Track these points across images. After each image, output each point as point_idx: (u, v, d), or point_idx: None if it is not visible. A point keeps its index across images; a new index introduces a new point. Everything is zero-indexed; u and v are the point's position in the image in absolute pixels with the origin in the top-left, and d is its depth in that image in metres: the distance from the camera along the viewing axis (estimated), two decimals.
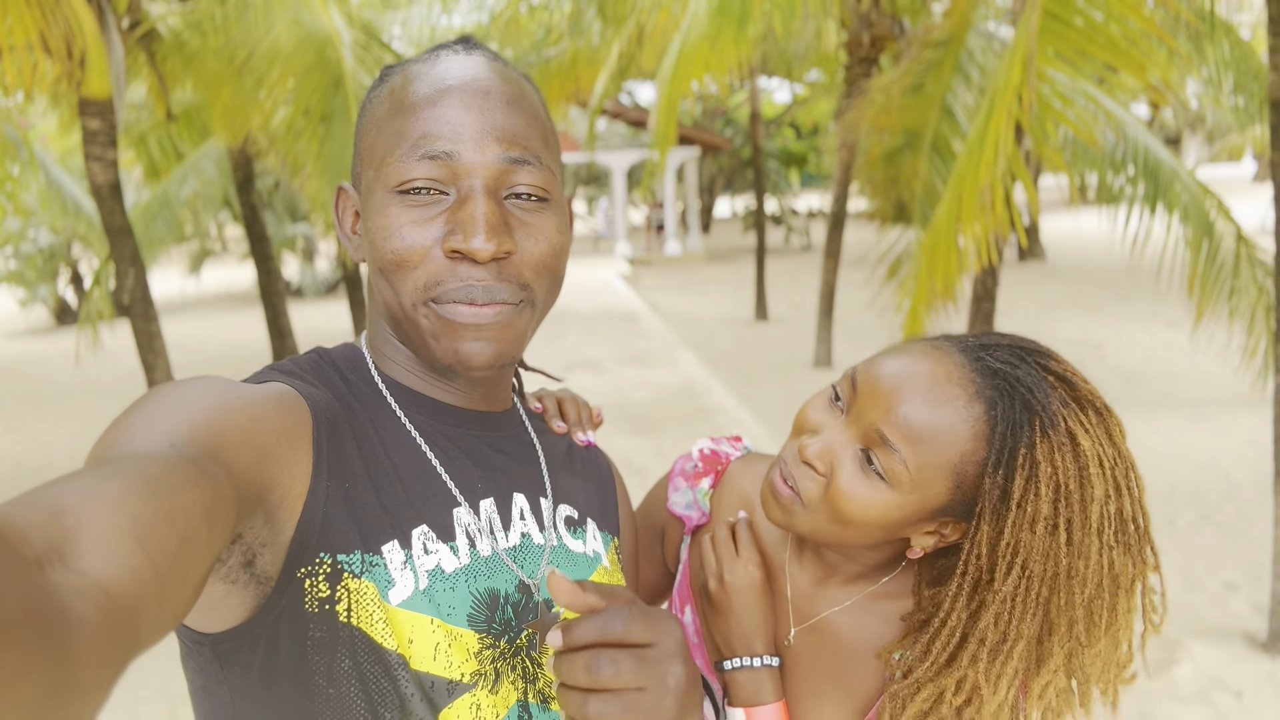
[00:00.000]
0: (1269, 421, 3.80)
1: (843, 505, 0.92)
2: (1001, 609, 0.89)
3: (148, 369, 5.19)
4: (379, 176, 0.82)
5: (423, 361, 0.89)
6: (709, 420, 7.24)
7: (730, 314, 13.29)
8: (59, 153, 11.94)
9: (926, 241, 3.89)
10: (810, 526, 0.97)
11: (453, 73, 0.83)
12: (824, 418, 0.97)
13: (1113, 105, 4.99)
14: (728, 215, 33.37)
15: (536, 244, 0.83)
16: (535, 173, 0.82)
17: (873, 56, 7.89)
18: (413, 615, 0.77)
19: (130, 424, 0.64)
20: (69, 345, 12.53)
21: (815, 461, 0.94)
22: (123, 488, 0.52)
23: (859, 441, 0.93)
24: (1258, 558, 4.56)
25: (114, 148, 4.98)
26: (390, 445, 0.84)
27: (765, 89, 23.61)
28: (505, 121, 0.81)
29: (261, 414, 0.72)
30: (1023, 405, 0.89)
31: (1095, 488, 0.88)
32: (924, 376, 0.91)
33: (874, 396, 0.92)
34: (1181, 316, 10.65)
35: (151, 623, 0.49)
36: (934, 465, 0.89)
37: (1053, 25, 3.59)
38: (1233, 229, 5.13)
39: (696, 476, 1.20)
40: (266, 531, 0.71)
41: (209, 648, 0.76)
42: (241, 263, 18.13)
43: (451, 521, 0.83)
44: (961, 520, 0.94)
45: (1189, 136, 27.66)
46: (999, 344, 0.94)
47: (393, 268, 0.81)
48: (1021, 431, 0.88)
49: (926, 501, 0.92)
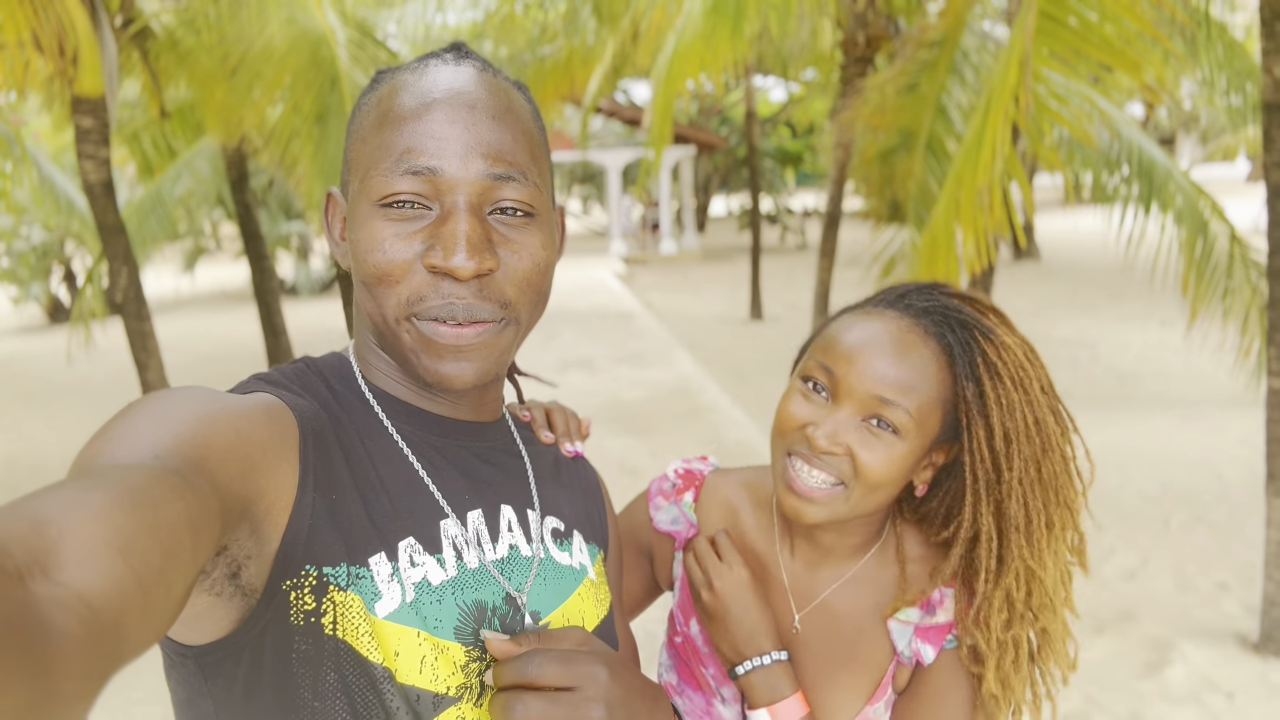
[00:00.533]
0: (1262, 422, 3.80)
1: (875, 472, 1.01)
2: (1019, 491, 1.02)
3: (140, 368, 5.17)
4: (363, 189, 0.82)
5: (407, 373, 0.89)
6: (703, 420, 7.24)
7: (725, 313, 13.29)
8: (52, 150, 11.89)
9: (924, 242, 3.89)
10: (850, 507, 1.04)
11: (440, 85, 0.82)
12: (810, 409, 1.05)
13: (1108, 105, 5.00)
14: (723, 214, 33.39)
15: (520, 260, 0.82)
16: (521, 188, 0.82)
17: (868, 56, 7.88)
18: (399, 628, 0.76)
19: (113, 435, 0.63)
20: (62, 343, 12.49)
21: (833, 448, 1.01)
22: (106, 499, 0.51)
23: (861, 413, 1.02)
24: (1250, 558, 4.57)
25: (107, 146, 4.95)
26: (377, 456, 0.84)
27: (761, 88, 23.64)
28: (491, 136, 0.80)
29: (247, 425, 0.71)
30: (959, 325, 1.05)
31: (1031, 366, 1.05)
32: (885, 337, 1.03)
33: (858, 372, 1.02)
34: (1175, 316, 10.68)
35: (134, 635, 0.48)
36: (928, 402, 1.02)
37: (1048, 26, 3.59)
38: (1226, 229, 5.14)
39: (678, 493, 1.26)
40: (252, 543, 0.71)
41: (193, 660, 0.75)
42: (235, 261, 18.09)
43: (438, 533, 0.83)
44: (945, 443, 1.07)
45: (1183, 137, 27.75)
46: (908, 291, 1.10)
47: (375, 281, 0.81)
48: (971, 346, 1.04)
49: (927, 436, 1.04)
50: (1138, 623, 4.03)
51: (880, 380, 1.01)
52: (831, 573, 1.11)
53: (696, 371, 9.02)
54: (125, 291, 5.06)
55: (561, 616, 0.90)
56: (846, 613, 1.09)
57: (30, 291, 15.81)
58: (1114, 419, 7.14)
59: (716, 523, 1.21)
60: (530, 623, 0.86)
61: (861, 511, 1.05)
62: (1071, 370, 8.85)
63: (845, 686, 1.06)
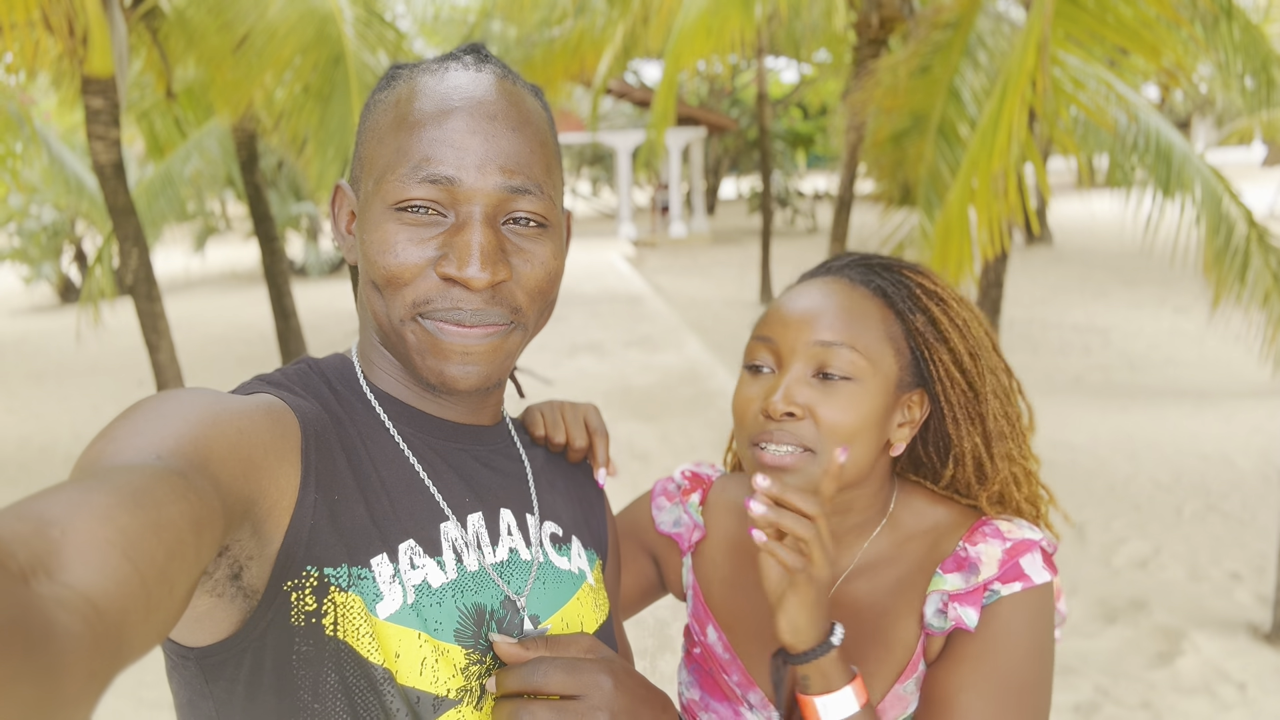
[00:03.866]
0: (1276, 410, 3.76)
1: (838, 426, 0.99)
2: (995, 402, 1.07)
3: (151, 349, 5.18)
4: (378, 190, 0.81)
5: (410, 374, 0.89)
6: (712, 405, 7.23)
7: (735, 297, 13.26)
8: (62, 130, 11.90)
9: (938, 228, 3.86)
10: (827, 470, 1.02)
11: (460, 91, 0.82)
12: (760, 386, 1.04)
13: (1124, 88, 4.94)
14: (733, 197, 33.24)
15: (532, 270, 0.84)
16: (535, 201, 0.82)
17: (882, 38, 7.80)
18: (400, 629, 0.76)
19: (116, 436, 0.63)
20: (73, 323, 12.54)
21: (792, 409, 0.99)
22: (109, 500, 0.51)
23: (809, 368, 1.01)
24: (1262, 548, 4.55)
25: (117, 126, 4.95)
26: (378, 458, 0.84)
27: (772, 69, 23.46)
28: (509, 149, 0.81)
29: (249, 426, 0.72)
30: (884, 268, 1.09)
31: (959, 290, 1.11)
32: (815, 293, 1.06)
33: (795, 329, 1.03)
34: (1188, 303, 10.60)
35: (138, 635, 0.49)
36: (874, 339, 1.02)
37: (1066, 8, 3.54)
38: (1243, 214, 5.08)
39: (684, 494, 1.25)
40: (253, 544, 0.71)
41: (194, 661, 0.75)
42: (246, 241, 18.13)
43: (438, 536, 0.83)
44: (914, 389, 1.07)
45: (1198, 120, 27.47)
46: (827, 262, 1.14)
47: (385, 283, 0.81)
48: (903, 283, 1.07)
49: (887, 378, 1.03)
50: (1149, 612, 4.02)
51: (816, 329, 1.01)
52: (842, 560, 1.09)
53: (706, 356, 8.99)
54: (136, 272, 5.06)
55: (560, 621, 0.90)
56: (865, 597, 1.06)
57: (41, 271, 15.89)
58: (1126, 406, 7.10)
59: (723, 525, 1.20)
60: (530, 627, 0.86)
61: (845, 477, 1.02)
62: (1083, 357, 8.80)
63: (870, 673, 1.03)
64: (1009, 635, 0.97)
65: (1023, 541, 1.01)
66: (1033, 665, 0.96)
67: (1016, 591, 0.97)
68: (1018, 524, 1.04)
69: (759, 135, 12.97)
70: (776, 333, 1.04)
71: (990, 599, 0.98)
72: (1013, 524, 1.04)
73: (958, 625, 0.99)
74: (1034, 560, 0.99)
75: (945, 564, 1.02)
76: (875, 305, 1.04)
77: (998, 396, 1.07)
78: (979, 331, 1.07)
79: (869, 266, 1.09)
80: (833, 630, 0.93)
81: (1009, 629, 0.97)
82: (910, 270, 1.09)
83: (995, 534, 1.03)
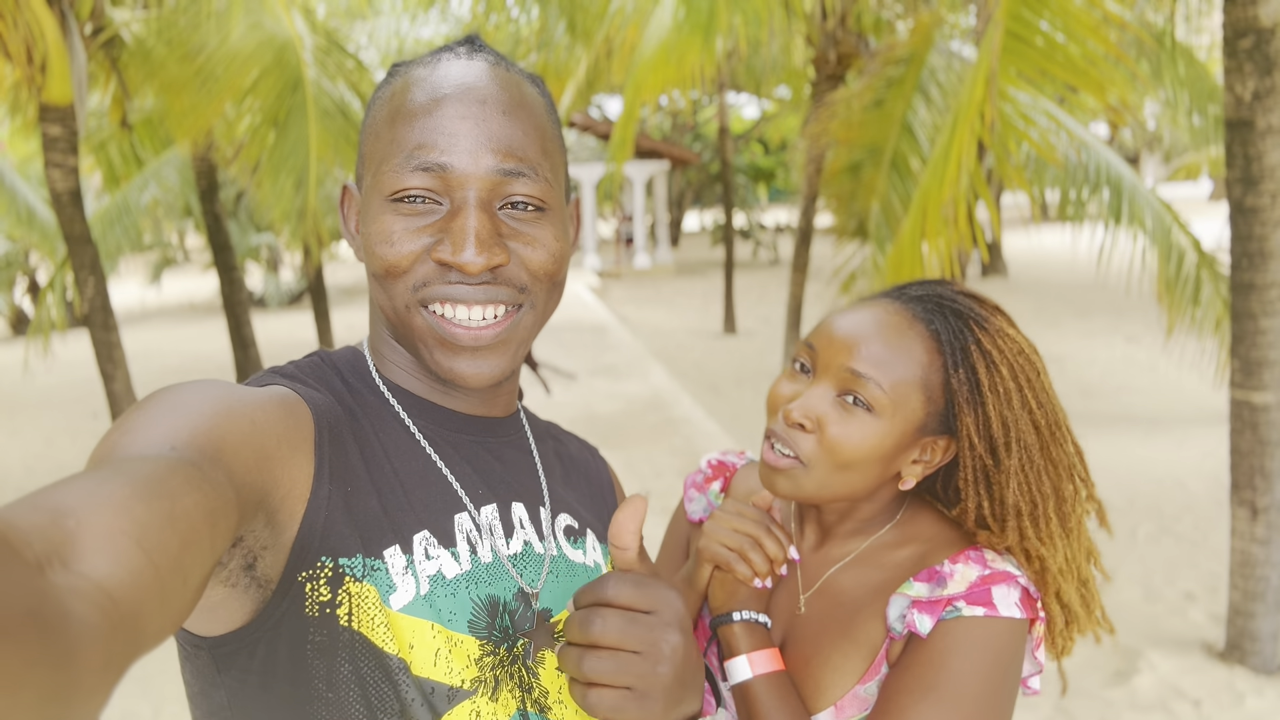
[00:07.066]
0: (1225, 435, 3.87)
1: (840, 449, 1.01)
2: (1018, 479, 1.03)
3: (106, 379, 5.10)
4: (375, 183, 0.82)
5: (421, 367, 0.89)
6: (677, 432, 7.25)
7: (699, 327, 13.34)
8: (16, 159, 11.72)
9: (890, 258, 3.94)
10: (816, 484, 1.03)
11: (451, 79, 0.82)
12: (794, 386, 1.06)
13: (1073, 124, 5.09)
14: (696, 229, 33.53)
15: (534, 251, 0.83)
16: (531, 184, 0.82)
17: (839, 74, 7.98)
18: (414, 620, 0.76)
19: (131, 427, 0.64)
20: (24, 355, 12.26)
21: (803, 420, 1.02)
22: (124, 490, 0.52)
23: (835, 388, 1.03)
24: (1214, 569, 4.64)
25: (75, 154, 4.90)
26: (391, 449, 0.84)
27: (734, 104, 23.79)
28: (501, 132, 0.81)
29: (263, 417, 0.72)
30: (954, 314, 1.05)
31: (1035, 359, 1.06)
32: (870, 318, 1.05)
33: (835, 347, 1.04)
34: (1140, 332, 10.85)
35: (152, 625, 0.49)
36: (905, 382, 1.02)
37: (1014, 45, 3.65)
38: (1192, 243, 5.24)
39: (707, 482, 1.28)
40: (267, 534, 0.71)
41: (207, 651, 0.75)
42: (204, 272, 17.91)
43: (453, 527, 0.83)
44: (940, 435, 1.06)
45: (1146, 156, 28.27)
46: (908, 285, 1.11)
47: (384, 273, 0.82)
48: (964, 333, 1.04)
49: (908, 421, 1.02)
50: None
51: (856, 354, 1.01)
52: (836, 553, 1.12)
53: (670, 384, 9.03)
54: (91, 301, 4.99)
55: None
56: (847, 592, 1.08)
57: None
58: (1080, 433, 7.09)
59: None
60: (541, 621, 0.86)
61: (834, 491, 1.04)
62: None
63: (835, 667, 1.04)
64: (959, 651, 0.97)
65: (1002, 573, 1.01)
66: (980, 687, 0.96)
67: (978, 615, 0.98)
68: (1007, 559, 1.05)
69: (721, 169, 13.13)
70: (821, 344, 1.06)
71: (950, 614, 0.98)
72: (1001, 558, 1.04)
73: (910, 629, 1.00)
74: (1007, 593, 0.99)
75: (920, 574, 1.04)
76: (924, 349, 1.03)
77: (1025, 472, 1.04)
78: (1022, 404, 1.03)
79: (940, 306, 1.06)
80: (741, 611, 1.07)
81: (959, 646, 0.97)
82: (976, 322, 1.05)
83: (978, 560, 1.03)
